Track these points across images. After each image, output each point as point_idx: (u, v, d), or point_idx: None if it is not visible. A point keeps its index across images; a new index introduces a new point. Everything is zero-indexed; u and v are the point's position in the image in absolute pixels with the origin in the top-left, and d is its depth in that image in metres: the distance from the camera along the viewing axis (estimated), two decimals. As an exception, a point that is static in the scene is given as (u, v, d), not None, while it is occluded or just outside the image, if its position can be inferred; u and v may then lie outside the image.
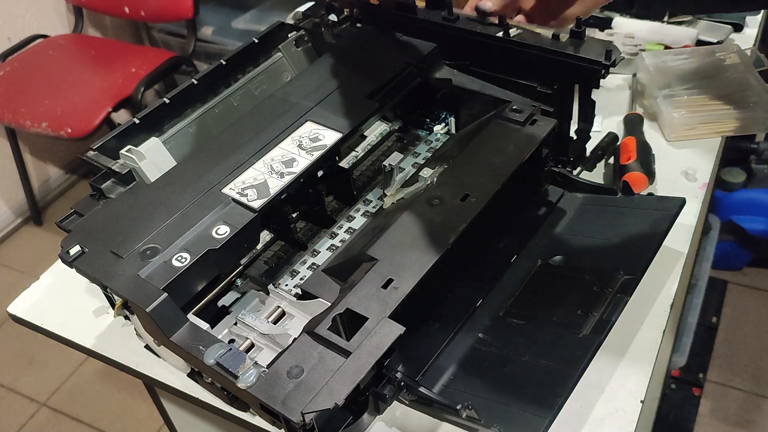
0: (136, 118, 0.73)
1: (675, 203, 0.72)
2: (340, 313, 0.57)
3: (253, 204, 0.64)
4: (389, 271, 0.59)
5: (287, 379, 0.53)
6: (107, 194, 0.68)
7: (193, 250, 0.61)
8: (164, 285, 0.58)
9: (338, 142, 0.70)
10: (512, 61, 0.77)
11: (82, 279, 0.83)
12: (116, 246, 0.62)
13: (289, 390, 0.52)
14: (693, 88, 0.96)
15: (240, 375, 0.53)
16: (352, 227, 0.74)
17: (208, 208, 0.64)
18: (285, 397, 0.52)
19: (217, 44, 2.32)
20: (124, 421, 1.77)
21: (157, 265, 0.60)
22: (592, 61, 0.71)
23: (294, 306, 0.67)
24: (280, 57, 0.85)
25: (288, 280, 0.69)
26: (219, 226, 0.62)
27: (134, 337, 0.75)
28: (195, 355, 0.56)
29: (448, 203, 0.64)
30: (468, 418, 0.60)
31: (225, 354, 0.55)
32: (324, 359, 0.54)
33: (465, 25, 0.80)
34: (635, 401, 0.64)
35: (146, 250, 0.61)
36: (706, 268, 1.61)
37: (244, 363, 0.54)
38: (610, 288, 0.68)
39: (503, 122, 0.72)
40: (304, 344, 0.56)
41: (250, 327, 0.65)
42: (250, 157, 0.69)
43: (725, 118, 0.92)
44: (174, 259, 0.60)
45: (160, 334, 0.59)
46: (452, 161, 0.69)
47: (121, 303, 0.64)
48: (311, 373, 0.53)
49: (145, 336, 0.69)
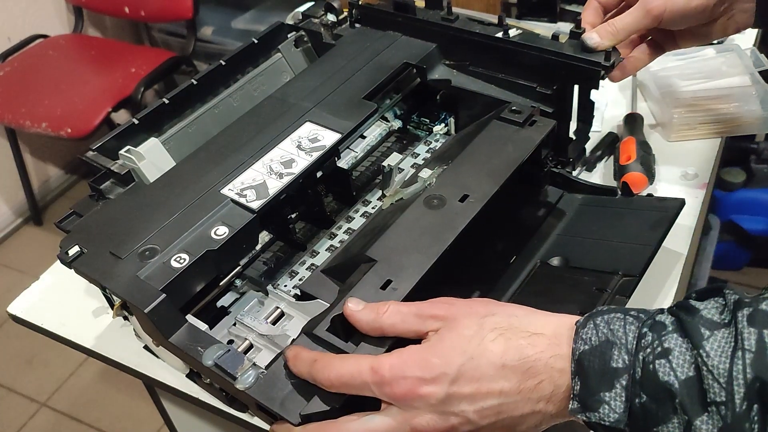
0: (135, 118, 0.73)
1: (674, 204, 0.71)
2: (338, 314, 0.57)
3: (252, 205, 0.64)
4: (388, 272, 0.59)
5: (285, 381, 0.53)
6: (106, 195, 0.68)
7: (191, 251, 0.60)
8: (163, 286, 0.58)
9: (337, 142, 0.70)
10: (512, 62, 0.77)
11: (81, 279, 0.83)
12: (115, 247, 0.61)
13: (288, 391, 0.52)
14: (693, 88, 0.95)
15: (238, 376, 0.53)
16: (351, 228, 0.74)
17: (207, 208, 0.64)
18: (283, 399, 0.52)
19: (217, 44, 2.32)
20: (124, 421, 1.77)
21: (155, 266, 0.60)
22: (592, 61, 0.71)
23: (293, 307, 0.67)
24: (279, 57, 0.85)
25: (287, 280, 0.69)
26: (218, 226, 0.62)
27: (134, 337, 0.75)
28: (193, 356, 0.56)
29: (448, 204, 0.64)
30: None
31: (223, 355, 0.55)
32: (323, 360, 0.54)
33: (464, 25, 0.80)
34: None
35: (145, 251, 0.61)
36: (706, 268, 1.59)
37: (243, 364, 0.54)
38: (609, 289, 0.67)
39: (502, 123, 0.72)
40: (302, 345, 0.55)
41: (249, 328, 0.65)
42: (249, 157, 0.69)
43: (725, 118, 0.92)
44: (173, 260, 0.60)
45: (158, 335, 0.59)
46: (451, 162, 0.69)
47: (119, 304, 0.64)
48: (310, 374, 0.53)
49: (143, 337, 0.69)
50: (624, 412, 0.41)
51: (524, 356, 0.46)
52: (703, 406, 0.39)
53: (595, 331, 0.44)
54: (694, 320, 0.41)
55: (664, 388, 0.40)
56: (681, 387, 0.39)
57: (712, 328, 0.40)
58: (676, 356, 0.40)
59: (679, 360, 0.40)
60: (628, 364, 0.42)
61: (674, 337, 0.41)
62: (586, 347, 0.44)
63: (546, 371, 0.45)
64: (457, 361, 0.46)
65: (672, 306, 0.44)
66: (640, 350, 0.42)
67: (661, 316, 0.44)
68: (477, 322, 0.48)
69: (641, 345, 0.42)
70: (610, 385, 0.42)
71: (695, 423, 0.39)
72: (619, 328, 0.43)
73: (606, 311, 0.46)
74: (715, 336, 0.40)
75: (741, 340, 0.39)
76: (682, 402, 0.39)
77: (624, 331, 0.43)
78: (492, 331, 0.47)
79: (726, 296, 0.43)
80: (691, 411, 0.39)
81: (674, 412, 0.39)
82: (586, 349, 0.44)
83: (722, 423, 0.38)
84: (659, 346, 0.41)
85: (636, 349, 0.42)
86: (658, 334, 0.42)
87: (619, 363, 0.42)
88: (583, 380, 0.43)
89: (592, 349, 0.43)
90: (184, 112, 0.77)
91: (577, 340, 0.44)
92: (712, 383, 0.38)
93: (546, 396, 0.46)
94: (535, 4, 1.19)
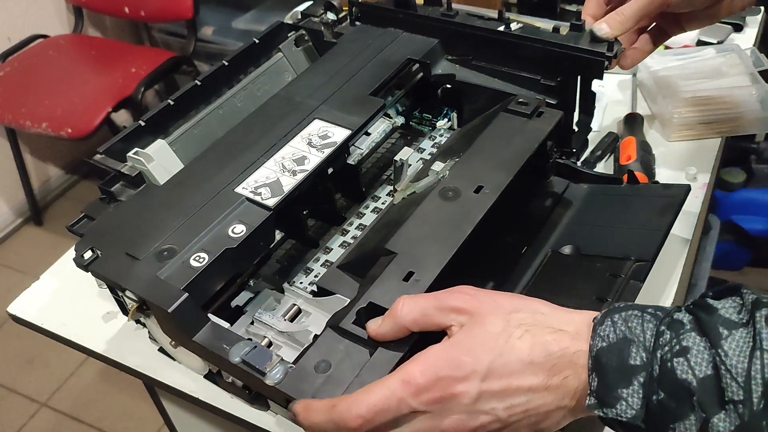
0: (142, 120, 0.73)
1: (681, 190, 0.72)
2: (363, 307, 0.57)
3: (267, 202, 0.64)
4: (409, 264, 0.59)
5: (315, 374, 0.53)
6: (118, 197, 0.67)
7: (210, 250, 0.60)
8: (184, 285, 0.57)
9: (348, 138, 0.70)
10: (514, 55, 0.77)
11: (82, 279, 0.83)
12: (131, 248, 0.61)
13: (319, 384, 0.52)
14: (693, 88, 0.96)
15: (267, 372, 0.53)
16: (363, 223, 0.74)
17: (222, 207, 0.64)
18: (315, 392, 0.52)
19: (217, 44, 2.31)
20: (125, 421, 1.77)
21: (175, 266, 0.59)
22: (595, 52, 0.72)
23: (310, 303, 0.67)
24: (280, 57, 0.84)
25: (302, 277, 0.69)
26: (235, 225, 0.62)
27: (134, 337, 0.75)
28: (220, 354, 0.55)
29: (463, 195, 0.64)
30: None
31: (251, 351, 0.55)
32: (351, 353, 0.54)
33: (465, 20, 0.80)
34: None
35: (163, 251, 0.60)
36: (706, 268, 1.58)
37: (271, 360, 0.54)
38: (623, 275, 0.68)
39: (510, 115, 0.72)
40: (329, 339, 0.55)
41: (268, 325, 0.65)
42: (260, 156, 0.68)
43: (725, 118, 0.92)
44: (192, 260, 0.60)
45: (181, 335, 0.59)
46: (462, 155, 0.70)
47: (135, 307, 0.63)
48: (339, 367, 0.53)
49: (160, 339, 0.68)
50: (641, 409, 0.42)
51: (550, 352, 0.46)
52: (720, 404, 0.39)
53: (613, 328, 0.44)
54: (713, 319, 0.42)
55: (682, 386, 0.40)
56: (699, 385, 0.40)
57: (731, 328, 0.41)
58: (694, 355, 0.41)
59: (697, 358, 0.41)
60: (645, 362, 0.42)
61: (692, 335, 0.42)
62: (603, 344, 0.44)
63: (571, 367, 0.46)
64: (487, 358, 0.46)
65: (689, 304, 0.45)
66: (658, 348, 0.42)
67: (678, 314, 0.44)
68: (503, 318, 0.48)
69: (659, 343, 0.42)
70: (627, 382, 0.42)
71: (713, 420, 0.39)
72: (636, 325, 0.44)
73: (623, 308, 0.46)
74: (733, 336, 0.41)
75: (759, 341, 0.40)
76: (700, 400, 0.40)
77: (642, 328, 0.44)
78: (518, 327, 0.47)
79: (743, 296, 0.43)
80: (708, 409, 0.39)
81: (692, 409, 0.40)
82: (603, 346, 0.44)
83: (740, 421, 0.39)
84: (677, 345, 0.42)
85: (654, 347, 0.42)
86: (676, 332, 0.42)
87: (637, 360, 0.42)
88: (600, 377, 0.44)
89: (610, 346, 0.44)
90: (189, 113, 0.77)
91: (595, 337, 0.45)
92: (731, 382, 0.39)
93: (571, 392, 0.46)
94: (536, 4, 1.20)
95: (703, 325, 0.42)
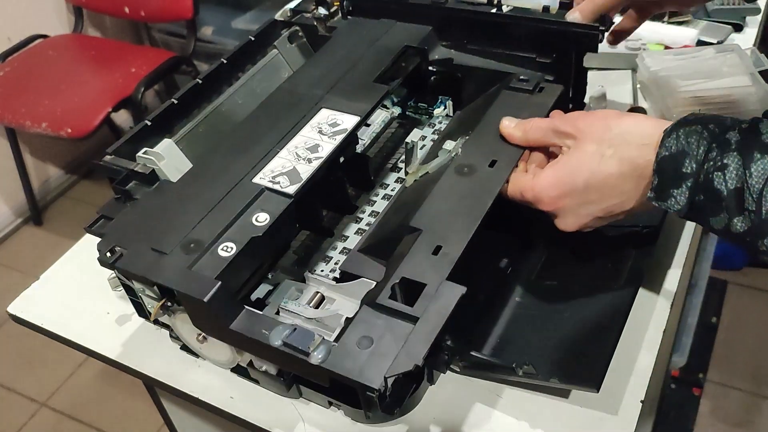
0: (148, 120, 0.72)
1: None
2: (396, 282, 0.57)
3: (287, 190, 0.64)
4: (436, 239, 0.60)
5: (358, 350, 0.53)
6: (133, 196, 0.67)
7: (237, 240, 0.60)
8: (216, 275, 0.57)
9: (357, 125, 0.70)
10: (508, 35, 0.79)
11: (81, 279, 0.82)
12: (156, 243, 0.60)
13: (363, 360, 0.52)
14: (693, 88, 0.95)
15: (311, 351, 0.53)
16: (375, 210, 0.74)
17: (243, 198, 0.64)
18: (361, 368, 0.52)
19: (217, 44, 2.30)
20: (124, 421, 1.75)
21: (204, 257, 0.59)
22: (589, 26, 0.74)
23: (333, 290, 0.67)
24: (275, 54, 0.85)
25: (323, 266, 0.69)
26: (258, 213, 0.62)
27: (133, 337, 0.75)
28: (259, 339, 0.55)
29: (479, 170, 0.66)
30: (525, 374, 0.61)
31: (292, 333, 0.55)
32: (392, 327, 0.54)
33: (456, 5, 0.82)
34: (635, 401, 0.65)
35: (189, 244, 0.60)
36: (706, 268, 1.59)
37: (314, 339, 0.54)
38: (634, 241, 0.70)
39: (512, 92, 0.74)
40: (367, 316, 0.56)
41: (295, 314, 0.65)
42: (273, 147, 0.69)
43: (725, 118, 0.93)
44: (219, 250, 0.60)
45: (216, 325, 0.59)
46: (471, 133, 0.71)
47: (160, 304, 0.63)
48: (381, 341, 0.53)
49: (185, 336, 0.68)
50: (686, 205, 0.54)
51: (636, 165, 0.58)
52: (740, 211, 0.51)
53: (676, 141, 0.55)
54: (754, 143, 0.52)
55: (717, 193, 0.52)
56: (728, 195, 0.52)
57: (764, 153, 0.51)
58: (730, 170, 0.52)
59: (731, 174, 0.51)
60: (694, 172, 0.53)
61: (734, 155, 0.52)
62: (666, 153, 0.55)
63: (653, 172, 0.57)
64: (583, 176, 0.60)
65: (745, 123, 0.54)
66: (705, 161, 0.53)
67: (731, 133, 0.53)
68: (597, 139, 0.60)
69: (708, 158, 0.53)
70: (679, 185, 0.54)
71: (733, 220, 0.52)
72: (693, 141, 0.54)
73: (692, 121, 0.55)
74: (762, 160, 0.51)
75: None
76: (728, 205, 0.52)
77: (697, 144, 0.54)
78: (609, 147, 0.59)
79: None
80: (732, 212, 0.52)
81: (722, 210, 0.52)
82: (666, 155, 0.55)
83: (751, 224, 0.51)
84: (720, 161, 0.52)
85: (703, 161, 0.53)
86: (722, 150, 0.52)
87: (688, 169, 0.54)
88: (660, 178, 0.55)
89: (671, 155, 0.54)
90: (192, 112, 0.77)
91: (661, 146, 0.55)
92: (748, 197, 0.51)
93: None
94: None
95: (743, 147, 0.52)
